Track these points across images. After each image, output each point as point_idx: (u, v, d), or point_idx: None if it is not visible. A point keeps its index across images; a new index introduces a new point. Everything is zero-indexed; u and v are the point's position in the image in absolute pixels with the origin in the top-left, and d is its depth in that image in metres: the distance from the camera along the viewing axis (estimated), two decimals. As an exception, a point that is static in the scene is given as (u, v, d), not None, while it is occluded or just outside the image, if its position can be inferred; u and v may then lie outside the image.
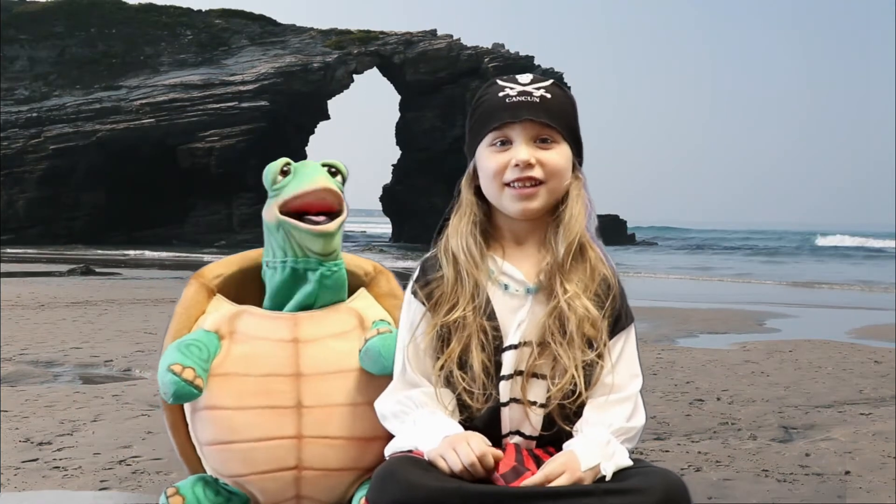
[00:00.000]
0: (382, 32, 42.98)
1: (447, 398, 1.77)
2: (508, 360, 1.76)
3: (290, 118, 39.02)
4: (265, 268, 2.25)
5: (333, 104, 44.44)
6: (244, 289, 2.31)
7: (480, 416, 1.75)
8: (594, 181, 1.87)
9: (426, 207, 37.97)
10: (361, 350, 2.11)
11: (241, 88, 38.82)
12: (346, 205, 2.18)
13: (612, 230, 41.20)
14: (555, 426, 1.74)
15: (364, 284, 2.33)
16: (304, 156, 35.06)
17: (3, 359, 5.98)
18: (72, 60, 40.72)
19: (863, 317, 10.99)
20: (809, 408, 4.84)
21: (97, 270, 17.49)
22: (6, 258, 22.30)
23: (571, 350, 1.73)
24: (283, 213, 2.15)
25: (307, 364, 2.12)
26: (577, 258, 1.79)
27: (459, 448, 1.61)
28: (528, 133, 1.77)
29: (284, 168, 2.21)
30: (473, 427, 1.73)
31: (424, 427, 1.71)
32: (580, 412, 1.75)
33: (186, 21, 42.89)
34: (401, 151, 43.82)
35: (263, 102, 38.32)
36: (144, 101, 38.62)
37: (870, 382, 5.66)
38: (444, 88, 41.15)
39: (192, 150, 37.88)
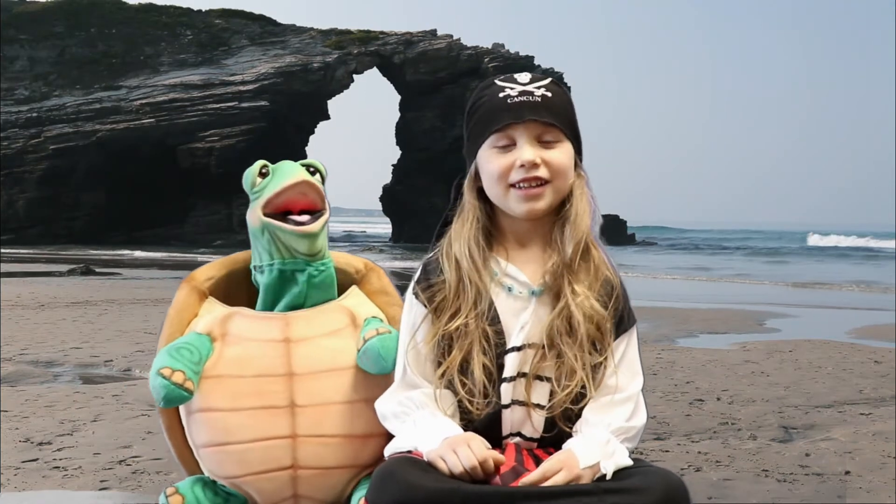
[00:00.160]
0: (382, 32, 43.00)
1: (448, 400, 1.76)
2: (511, 363, 1.75)
3: (290, 118, 39.04)
4: (254, 272, 2.24)
5: (333, 104, 44.52)
6: (235, 291, 2.31)
7: (481, 419, 1.74)
8: (594, 181, 1.86)
9: (426, 207, 37.98)
10: (360, 350, 2.10)
11: (241, 88, 38.84)
12: (328, 203, 2.18)
13: (612, 230, 41.18)
14: (556, 427, 1.73)
15: (356, 282, 2.32)
16: (305, 156, 35.03)
17: (3, 359, 5.98)
18: (72, 60, 40.74)
19: (863, 317, 10.98)
20: (809, 408, 4.84)
21: (97, 270, 17.50)
22: (6, 258, 22.30)
23: (580, 351, 1.73)
24: (267, 215, 2.14)
25: (299, 363, 2.12)
26: (583, 258, 1.78)
27: (460, 450, 1.60)
28: (532, 133, 1.76)
29: (262, 170, 2.20)
30: (474, 428, 1.72)
31: (424, 428, 1.71)
32: (581, 413, 1.74)
33: (186, 21, 42.92)
34: (401, 151, 43.84)
35: (263, 102, 38.34)
36: (144, 101, 38.65)
37: (870, 382, 5.66)
38: (444, 88, 41.18)
39: (192, 150, 37.90)
